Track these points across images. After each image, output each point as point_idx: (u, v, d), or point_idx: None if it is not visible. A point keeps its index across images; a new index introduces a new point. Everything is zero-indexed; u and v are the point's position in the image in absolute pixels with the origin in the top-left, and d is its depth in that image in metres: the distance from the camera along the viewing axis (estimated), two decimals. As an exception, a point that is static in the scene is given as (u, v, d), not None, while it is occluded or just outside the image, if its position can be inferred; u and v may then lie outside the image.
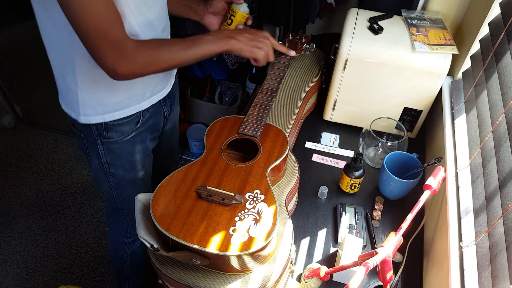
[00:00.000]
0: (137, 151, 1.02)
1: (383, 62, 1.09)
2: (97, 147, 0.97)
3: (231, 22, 1.06)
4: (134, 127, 0.97)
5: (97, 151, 0.98)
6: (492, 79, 0.89)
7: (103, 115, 0.91)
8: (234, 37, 0.92)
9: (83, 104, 0.89)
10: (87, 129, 0.95)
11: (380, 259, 0.73)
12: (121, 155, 1.00)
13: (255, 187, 0.82)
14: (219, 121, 0.99)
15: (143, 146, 1.03)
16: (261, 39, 0.96)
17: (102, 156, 0.99)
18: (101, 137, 0.95)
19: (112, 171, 1.03)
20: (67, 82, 0.88)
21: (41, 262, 1.75)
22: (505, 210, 0.67)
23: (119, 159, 1.01)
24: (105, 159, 1.00)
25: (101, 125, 0.93)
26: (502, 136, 0.76)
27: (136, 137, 0.99)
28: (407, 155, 1.07)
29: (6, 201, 1.98)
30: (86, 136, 0.97)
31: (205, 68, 1.92)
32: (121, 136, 0.96)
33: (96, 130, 0.94)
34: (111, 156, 0.99)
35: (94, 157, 1.01)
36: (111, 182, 1.06)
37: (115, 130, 0.95)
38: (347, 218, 1.04)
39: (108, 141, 0.96)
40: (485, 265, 0.69)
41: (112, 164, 1.01)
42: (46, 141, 2.29)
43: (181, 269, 0.80)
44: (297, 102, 1.17)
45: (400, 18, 1.19)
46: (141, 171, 1.07)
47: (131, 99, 0.92)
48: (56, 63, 0.87)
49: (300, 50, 1.20)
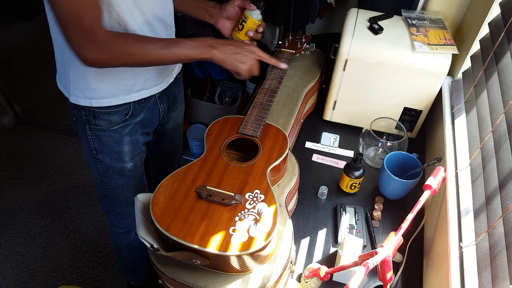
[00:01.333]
0: (125, 143, 1.03)
1: (383, 62, 1.09)
2: (86, 132, 1.00)
3: (242, 28, 1.06)
4: (122, 118, 0.98)
5: (86, 136, 1.01)
6: (492, 79, 0.89)
7: (91, 100, 0.93)
8: (217, 47, 0.90)
9: (74, 84, 0.92)
10: (78, 113, 0.97)
11: (380, 259, 0.73)
12: (108, 144, 1.01)
13: (255, 187, 0.82)
14: (219, 121, 0.99)
15: (132, 139, 1.04)
16: (246, 52, 0.94)
17: (90, 141, 1.01)
18: (89, 123, 0.97)
19: (99, 158, 1.05)
20: (64, 60, 0.90)
21: (41, 262, 1.75)
22: (505, 210, 0.67)
23: (105, 147, 1.02)
24: (93, 145, 1.02)
25: (89, 111, 0.95)
26: (502, 136, 0.76)
27: (124, 128, 1.00)
28: (407, 155, 1.07)
29: (6, 201, 1.98)
30: (78, 120, 1.00)
31: (205, 68, 1.92)
32: (108, 125, 0.98)
33: (85, 115, 0.96)
34: (98, 143, 1.01)
35: (84, 141, 1.04)
36: (99, 169, 1.07)
37: (102, 118, 0.96)
38: (347, 218, 1.04)
39: (95, 127, 0.98)
40: (485, 265, 0.69)
41: (99, 151, 1.03)
42: (46, 141, 2.29)
43: (181, 269, 0.80)
44: (297, 102, 1.17)
45: (400, 18, 1.19)
46: (129, 163, 1.08)
47: (118, 89, 0.93)
48: (56, 41, 0.89)
49: (300, 50, 1.20)
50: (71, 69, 0.89)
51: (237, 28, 1.07)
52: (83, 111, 0.96)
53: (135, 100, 0.97)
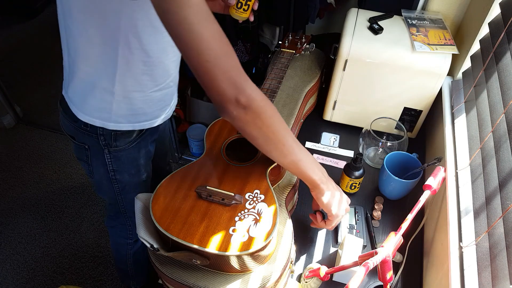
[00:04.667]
0: (141, 156, 1.02)
1: (383, 62, 1.09)
2: (104, 156, 0.96)
3: (248, 8, 0.90)
4: (139, 134, 0.97)
5: (104, 160, 0.97)
6: (492, 79, 0.89)
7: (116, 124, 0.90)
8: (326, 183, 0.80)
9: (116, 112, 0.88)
10: (92, 140, 0.93)
11: (380, 259, 0.73)
12: (128, 162, 1.00)
13: (255, 187, 0.82)
14: (219, 121, 0.99)
15: (146, 150, 1.03)
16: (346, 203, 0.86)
17: (109, 164, 0.98)
18: (108, 146, 0.94)
19: (117, 178, 1.02)
20: (85, 79, 0.84)
21: (41, 262, 1.75)
22: (505, 210, 0.67)
23: (125, 166, 1.00)
24: (111, 167, 0.99)
25: (110, 135, 0.92)
26: (502, 136, 0.76)
27: (141, 143, 0.99)
28: (407, 155, 1.07)
29: (6, 201, 1.98)
30: (90, 147, 0.96)
31: (205, 68, 1.92)
32: (128, 144, 0.96)
33: (104, 140, 0.93)
34: (117, 164, 0.99)
35: (98, 167, 1.00)
36: (116, 188, 1.05)
37: (123, 139, 0.95)
38: (347, 218, 1.04)
39: (115, 149, 0.95)
40: (485, 265, 0.69)
41: (118, 171, 1.01)
42: (46, 141, 2.29)
43: (181, 269, 0.80)
44: (297, 102, 1.17)
45: (400, 18, 1.19)
46: (144, 174, 1.07)
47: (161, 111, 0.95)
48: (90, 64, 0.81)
49: (300, 50, 1.20)
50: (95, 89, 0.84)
51: (236, 7, 0.89)
52: (101, 136, 0.91)
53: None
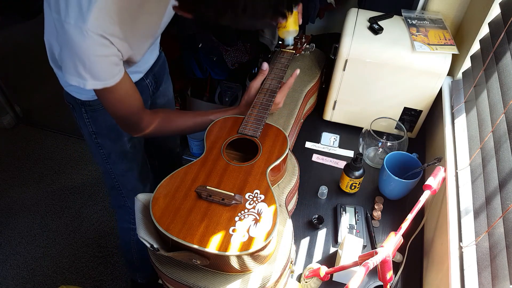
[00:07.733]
0: None
1: (383, 62, 1.09)
2: (83, 115, 1.01)
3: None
4: None
5: (84, 120, 1.02)
6: (492, 79, 0.89)
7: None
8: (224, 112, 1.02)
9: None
10: (73, 99, 0.99)
11: (380, 259, 0.73)
12: (105, 123, 1.03)
13: (255, 187, 0.82)
14: (219, 121, 0.99)
15: None
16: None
17: (88, 125, 1.03)
18: (84, 105, 0.99)
19: (100, 142, 1.07)
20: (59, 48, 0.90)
21: (41, 262, 1.75)
22: (505, 210, 0.67)
23: (103, 128, 1.04)
24: (91, 128, 1.04)
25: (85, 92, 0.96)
26: (502, 136, 0.76)
27: None
28: (407, 155, 1.07)
29: (6, 201, 1.99)
30: (74, 106, 1.01)
31: (205, 68, 1.92)
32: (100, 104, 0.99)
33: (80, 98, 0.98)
34: (96, 125, 1.03)
35: (83, 128, 1.06)
36: (102, 154, 1.10)
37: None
38: (347, 218, 1.04)
39: (91, 108, 1.00)
40: (485, 265, 0.69)
41: (98, 134, 1.05)
42: (46, 141, 2.30)
43: (181, 269, 0.80)
44: (297, 102, 1.17)
45: (400, 18, 1.19)
46: (128, 143, 1.09)
47: None
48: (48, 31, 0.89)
49: (300, 50, 1.19)
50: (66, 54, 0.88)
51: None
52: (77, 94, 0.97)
53: None
